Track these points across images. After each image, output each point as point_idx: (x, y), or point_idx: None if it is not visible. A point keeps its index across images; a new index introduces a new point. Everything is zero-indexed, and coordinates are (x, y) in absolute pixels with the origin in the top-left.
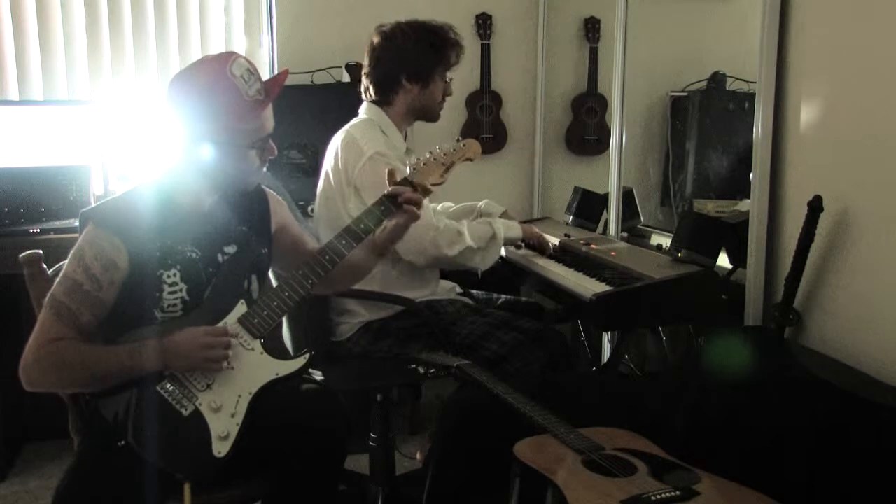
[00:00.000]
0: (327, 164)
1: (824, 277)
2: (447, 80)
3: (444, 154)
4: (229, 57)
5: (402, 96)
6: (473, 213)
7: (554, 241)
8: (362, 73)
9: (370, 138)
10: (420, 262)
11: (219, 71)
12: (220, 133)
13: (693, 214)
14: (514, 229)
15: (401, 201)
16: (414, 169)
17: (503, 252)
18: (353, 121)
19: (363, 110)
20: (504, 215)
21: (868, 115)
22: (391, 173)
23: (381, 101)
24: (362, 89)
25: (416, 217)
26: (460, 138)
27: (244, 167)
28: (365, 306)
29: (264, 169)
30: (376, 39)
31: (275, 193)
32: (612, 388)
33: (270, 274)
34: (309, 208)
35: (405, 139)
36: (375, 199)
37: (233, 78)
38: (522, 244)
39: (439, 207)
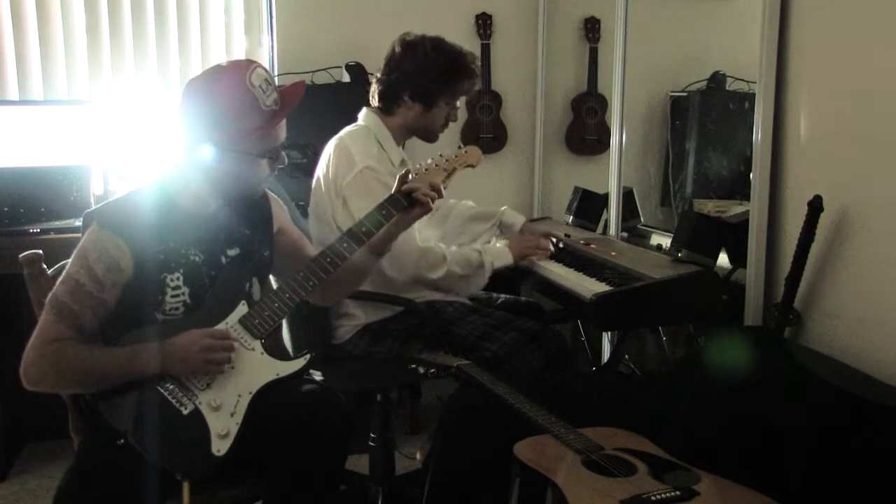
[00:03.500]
0: (320, 169)
1: (824, 277)
2: (454, 106)
3: (446, 160)
4: (248, 66)
5: (402, 111)
6: (493, 219)
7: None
8: (375, 76)
9: (364, 151)
10: (400, 279)
11: (238, 80)
12: (233, 141)
13: (693, 214)
14: (504, 258)
15: (416, 196)
16: (416, 175)
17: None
18: (350, 127)
19: (362, 117)
20: (525, 226)
21: (868, 115)
22: (406, 173)
23: (383, 109)
24: (370, 93)
25: (427, 210)
26: (462, 145)
27: (255, 175)
28: (363, 309)
29: (273, 177)
30: (397, 48)
31: (275, 196)
32: (612, 388)
33: (271, 276)
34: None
35: (403, 148)
36: (361, 210)
37: (251, 88)
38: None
39: (454, 203)
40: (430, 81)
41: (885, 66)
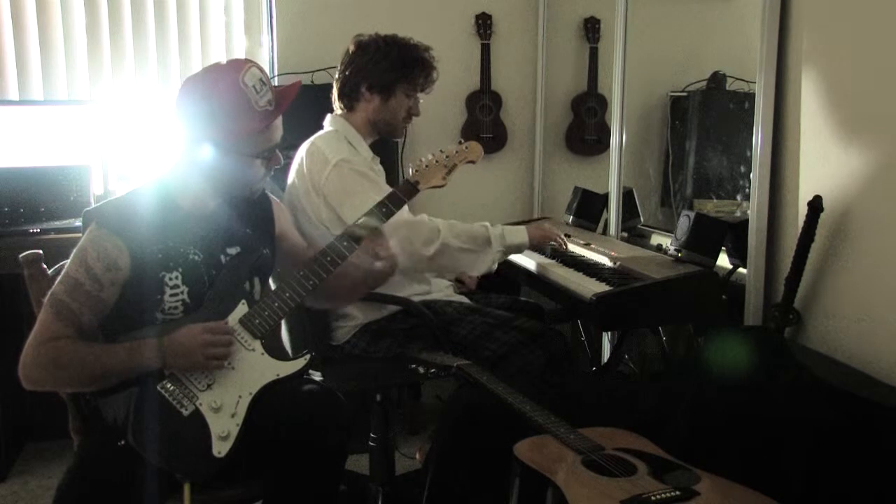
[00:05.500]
0: (292, 173)
1: (824, 277)
2: (413, 99)
3: (446, 156)
4: (242, 65)
5: (362, 105)
6: None
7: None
8: (334, 78)
9: (335, 147)
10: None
11: (231, 80)
12: (227, 141)
13: (693, 214)
14: (518, 234)
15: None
16: (416, 171)
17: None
18: (319, 133)
19: (328, 122)
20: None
21: (868, 115)
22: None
23: (345, 107)
24: (332, 98)
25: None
26: (462, 140)
27: (249, 175)
28: (361, 309)
29: (269, 177)
30: (350, 47)
31: (278, 200)
32: (612, 388)
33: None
34: None
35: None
36: (343, 205)
37: (244, 88)
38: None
39: None
40: (385, 71)
41: (886, 65)
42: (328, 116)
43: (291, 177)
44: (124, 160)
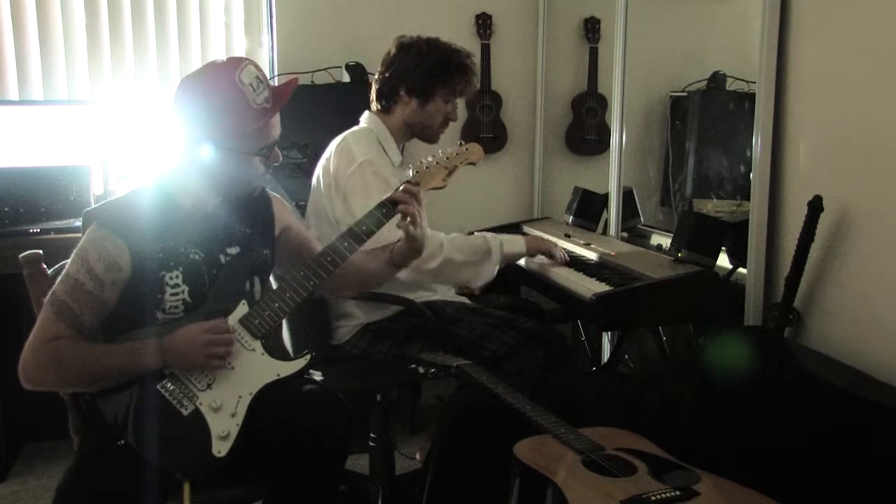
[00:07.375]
0: (319, 167)
1: (824, 277)
2: (451, 105)
3: (447, 158)
4: (239, 63)
5: (400, 108)
6: None
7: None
8: (374, 77)
9: (364, 147)
10: (401, 276)
11: (227, 78)
12: (225, 139)
13: (693, 214)
14: (516, 244)
15: (398, 210)
16: (416, 172)
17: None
18: (353, 128)
19: (364, 119)
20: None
21: (868, 115)
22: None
23: (382, 109)
24: (370, 96)
25: (413, 225)
26: (462, 142)
27: (248, 173)
28: (362, 309)
29: (268, 175)
30: (392, 49)
31: (278, 196)
32: (612, 388)
33: (271, 276)
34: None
35: (402, 151)
36: (358, 205)
37: (241, 86)
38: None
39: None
40: (426, 75)
41: (886, 65)
42: (365, 113)
43: (317, 172)
44: (124, 160)
